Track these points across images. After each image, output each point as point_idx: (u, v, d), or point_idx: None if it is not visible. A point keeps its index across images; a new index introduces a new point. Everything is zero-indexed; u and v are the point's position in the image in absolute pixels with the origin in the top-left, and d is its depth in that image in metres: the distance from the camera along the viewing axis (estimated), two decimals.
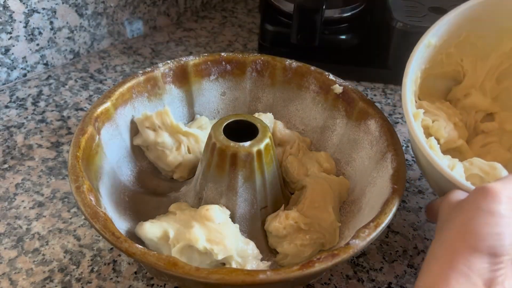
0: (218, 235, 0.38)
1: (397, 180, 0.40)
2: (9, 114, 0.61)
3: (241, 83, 0.54)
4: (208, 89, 0.53)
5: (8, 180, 0.52)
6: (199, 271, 0.32)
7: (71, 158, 0.39)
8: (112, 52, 0.73)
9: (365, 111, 0.47)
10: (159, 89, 0.50)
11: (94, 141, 0.42)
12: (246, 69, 0.53)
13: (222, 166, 0.41)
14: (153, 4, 0.75)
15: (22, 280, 0.43)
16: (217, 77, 0.53)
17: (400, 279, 0.46)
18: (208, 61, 0.52)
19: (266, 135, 0.42)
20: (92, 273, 0.44)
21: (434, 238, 0.33)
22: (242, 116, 0.44)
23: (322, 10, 0.59)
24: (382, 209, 0.38)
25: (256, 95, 0.55)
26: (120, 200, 0.45)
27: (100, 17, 0.70)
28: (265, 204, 0.44)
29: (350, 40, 0.68)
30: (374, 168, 0.45)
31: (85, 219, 0.45)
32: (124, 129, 0.48)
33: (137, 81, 0.48)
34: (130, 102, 0.48)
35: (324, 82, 0.50)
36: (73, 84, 0.66)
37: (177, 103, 0.53)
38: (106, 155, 0.44)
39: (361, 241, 0.35)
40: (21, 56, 0.64)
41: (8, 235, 0.47)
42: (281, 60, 0.52)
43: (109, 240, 0.34)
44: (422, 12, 0.65)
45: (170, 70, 0.50)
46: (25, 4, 0.61)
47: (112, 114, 0.46)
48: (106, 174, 0.44)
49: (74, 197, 0.37)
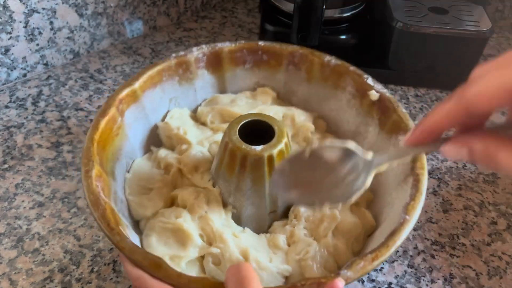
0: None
1: (410, 210, 0.37)
2: (9, 114, 0.61)
3: (276, 75, 0.52)
4: (241, 77, 0.52)
5: (8, 180, 0.52)
6: (180, 277, 0.32)
7: (87, 140, 0.39)
8: (112, 52, 0.73)
9: (398, 125, 0.44)
10: (191, 73, 0.49)
11: (115, 123, 0.42)
12: (283, 61, 0.51)
13: (232, 167, 0.40)
14: (153, 4, 0.75)
15: (22, 280, 0.43)
16: (252, 66, 0.52)
17: (400, 279, 0.46)
18: (244, 48, 0.50)
19: (281, 141, 0.40)
20: (92, 273, 0.44)
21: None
22: (260, 116, 0.42)
23: (322, 10, 0.59)
24: (386, 240, 0.35)
25: (291, 88, 0.53)
26: None
27: (100, 17, 0.70)
28: (274, 208, 0.43)
29: (350, 40, 0.68)
30: (394, 188, 0.42)
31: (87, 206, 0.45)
32: (150, 111, 0.47)
33: (168, 64, 0.48)
34: (160, 84, 0.47)
35: (362, 85, 0.47)
36: (73, 84, 0.66)
37: (208, 88, 0.52)
38: (128, 136, 0.44)
39: (353, 273, 0.32)
40: (21, 56, 0.64)
41: (8, 235, 0.47)
42: (320, 55, 0.50)
43: (103, 230, 0.34)
44: (422, 12, 0.65)
45: (204, 55, 0.49)
46: (25, 4, 0.61)
47: (139, 96, 0.45)
48: (125, 156, 0.44)
49: (82, 181, 0.37)
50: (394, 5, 0.66)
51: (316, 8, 0.59)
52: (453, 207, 0.53)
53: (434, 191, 0.55)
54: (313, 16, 0.59)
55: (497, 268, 0.48)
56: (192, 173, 0.45)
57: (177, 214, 0.41)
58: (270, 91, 0.53)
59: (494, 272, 0.47)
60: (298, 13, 0.60)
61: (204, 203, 0.42)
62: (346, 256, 0.41)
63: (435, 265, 0.48)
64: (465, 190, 0.55)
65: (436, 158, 0.59)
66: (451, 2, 0.67)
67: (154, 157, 0.48)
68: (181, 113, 0.51)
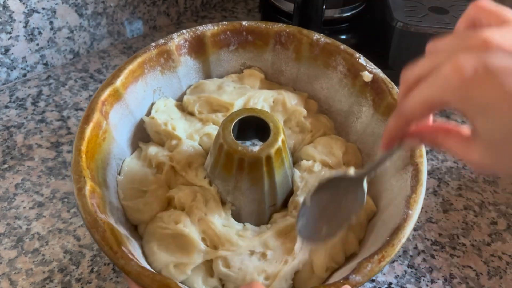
0: None
1: (412, 204, 0.36)
2: (9, 114, 0.61)
3: (262, 55, 0.50)
4: (226, 60, 0.51)
5: (8, 180, 0.52)
6: None
7: (75, 153, 0.38)
8: (112, 52, 0.73)
9: (392, 107, 0.43)
10: (173, 62, 0.47)
11: (101, 128, 0.40)
12: (269, 41, 0.49)
13: (229, 168, 0.40)
14: (153, 4, 0.75)
15: (22, 280, 0.43)
16: (237, 47, 0.50)
17: (400, 279, 0.46)
18: (227, 30, 0.49)
19: (278, 138, 0.39)
20: (92, 273, 0.44)
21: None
22: (254, 112, 0.41)
23: (322, 10, 0.59)
24: (390, 239, 0.34)
25: (279, 68, 0.51)
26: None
27: (100, 17, 0.70)
28: (274, 202, 0.43)
29: (350, 40, 0.68)
30: (393, 175, 0.41)
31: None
32: (134, 106, 0.45)
33: (149, 55, 0.45)
34: (142, 78, 0.45)
35: (354, 65, 0.46)
36: (73, 84, 0.66)
37: (193, 74, 0.50)
38: (115, 139, 0.43)
39: (361, 277, 0.32)
40: (21, 56, 0.64)
41: (8, 235, 0.47)
42: (309, 33, 0.48)
43: (106, 253, 0.33)
44: (422, 12, 0.65)
45: (186, 41, 0.48)
46: (25, 4, 0.61)
47: (122, 94, 0.43)
48: (114, 158, 0.43)
49: (76, 199, 0.36)
50: (394, 5, 0.66)
51: (316, 8, 0.59)
52: (453, 207, 0.53)
53: (434, 191, 0.55)
54: (313, 16, 0.59)
55: (497, 268, 0.48)
56: (186, 170, 0.44)
57: (176, 218, 0.40)
58: (258, 72, 0.51)
59: (494, 272, 0.47)
60: (298, 13, 0.60)
61: (203, 204, 0.41)
62: (353, 245, 0.40)
63: (435, 265, 0.48)
64: (465, 190, 0.55)
65: (436, 158, 0.59)
66: (451, 2, 0.67)
67: (144, 156, 0.46)
68: (166, 104, 0.49)
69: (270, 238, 0.40)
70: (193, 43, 0.48)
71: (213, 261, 0.39)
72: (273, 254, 0.39)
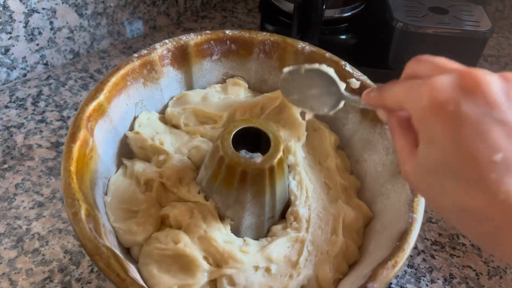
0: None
1: (416, 207, 0.37)
2: (9, 114, 0.61)
3: (246, 64, 0.50)
4: (209, 69, 0.49)
5: (8, 180, 0.52)
6: None
7: (64, 174, 0.35)
8: (112, 52, 0.73)
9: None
10: (156, 73, 0.46)
11: (87, 146, 0.38)
12: (253, 50, 0.49)
13: (230, 182, 0.38)
14: (153, 4, 0.75)
15: (22, 280, 0.43)
16: (220, 57, 0.49)
17: (400, 279, 0.46)
18: (211, 40, 0.47)
19: (279, 148, 0.39)
20: (92, 273, 0.44)
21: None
22: (252, 123, 0.41)
23: (322, 10, 0.59)
24: (400, 244, 0.35)
25: (262, 77, 0.51)
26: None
27: (100, 17, 0.70)
28: (273, 214, 0.42)
29: (350, 40, 0.68)
30: (388, 180, 0.41)
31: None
32: (118, 121, 0.43)
33: (132, 66, 0.44)
34: (125, 90, 0.43)
35: (340, 72, 0.44)
36: (73, 84, 0.66)
37: (175, 85, 0.49)
38: (100, 156, 0.40)
39: (379, 284, 0.32)
40: (21, 56, 0.64)
41: (8, 235, 0.47)
42: (293, 42, 0.48)
43: (113, 281, 0.31)
44: (422, 12, 0.65)
45: (169, 51, 0.46)
46: (25, 4, 0.61)
47: (106, 109, 0.41)
48: (100, 178, 0.40)
49: (72, 225, 0.33)
50: (394, 5, 0.66)
51: (316, 8, 0.59)
52: None
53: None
54: (313, 16, 0.59)
55: (497, 268, 0.48)
56: (177, 186, 0.42)
57: (174, 237, 0.38)
58: (241, 81, 0.51)
59: (494, 272, 0.47)
60: (298, 13, 0.60)
61: (201, 221, 0.39)
62: (354, 253, 0.40)
63: (435, 265, 0.48)
64: None
65: None
66: (451, 2, 0.67)
67: (130, 173, 0.43)
68: (149, 118, 0.47)
69: (272, 252, 0.39)
70: (176, 53, 0.47)
71: (217, 280, 0.38)
72: (277, 268, 0.38)
